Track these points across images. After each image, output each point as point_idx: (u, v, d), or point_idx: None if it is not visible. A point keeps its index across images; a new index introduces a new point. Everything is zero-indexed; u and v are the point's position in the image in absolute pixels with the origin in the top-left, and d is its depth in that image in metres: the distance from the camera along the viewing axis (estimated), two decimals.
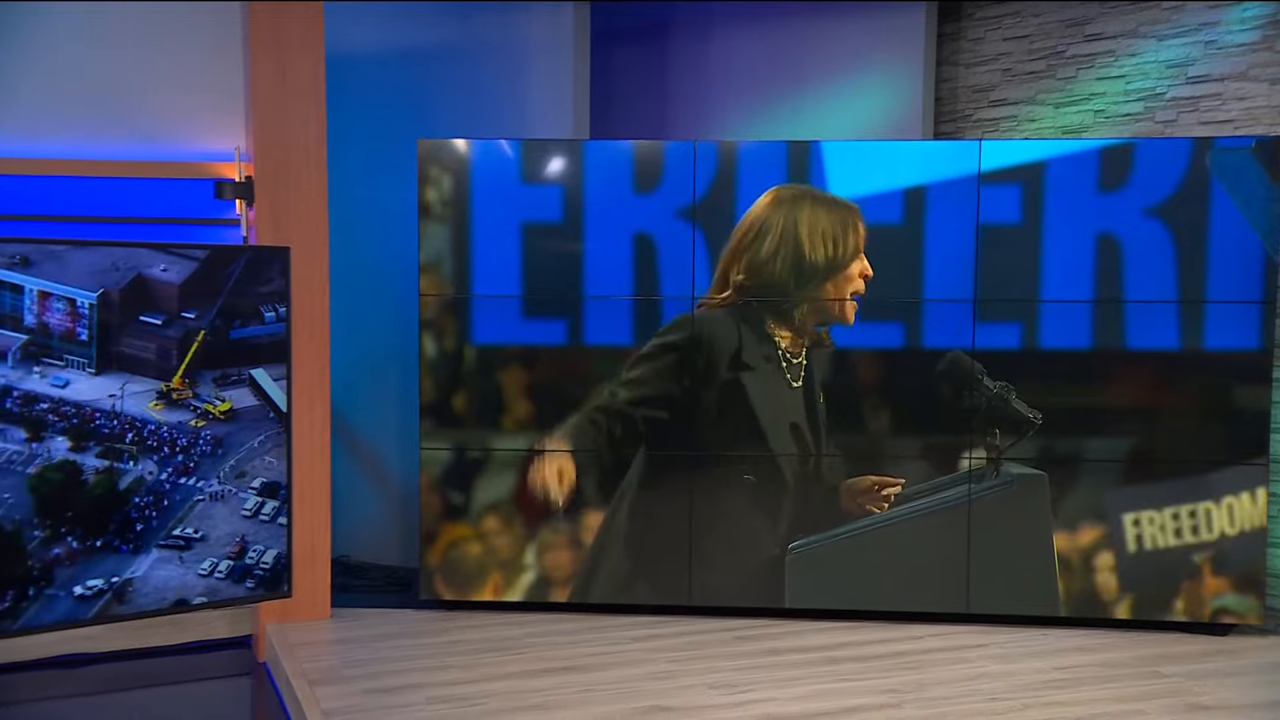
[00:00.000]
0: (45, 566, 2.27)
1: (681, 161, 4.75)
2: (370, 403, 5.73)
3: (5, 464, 2.24)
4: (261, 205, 4.75)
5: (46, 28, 5.31)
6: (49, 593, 2.28)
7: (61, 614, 2.30)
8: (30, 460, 2.27)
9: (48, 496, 2.28)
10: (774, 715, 3.82)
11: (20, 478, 2.25)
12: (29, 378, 2.28)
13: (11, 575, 2.23)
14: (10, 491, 2.24)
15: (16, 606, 2.24)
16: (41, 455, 2.28)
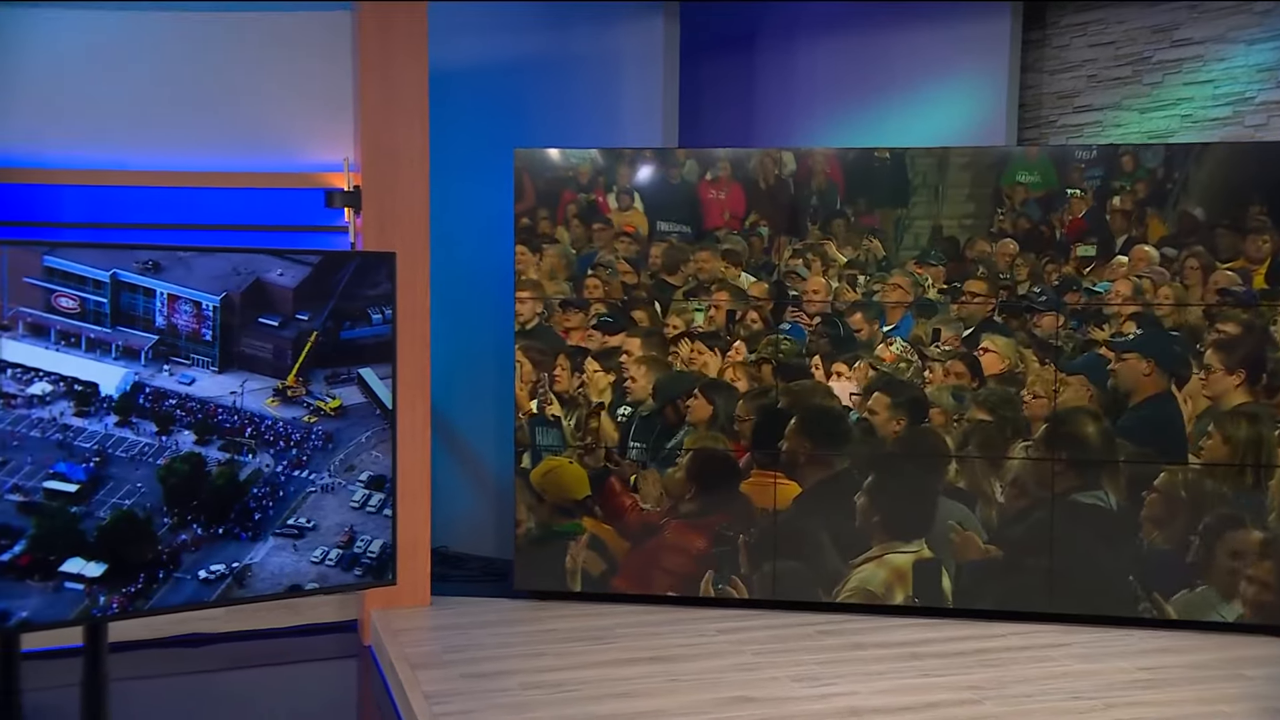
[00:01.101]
0: (173, 551, 2.35)
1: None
2: (467, 400, 5.79)
3: (138, 455, 2.32)
4: (368, 213, 4.84)
5: (173, 51, 5.48)
6: (176, 576, 2.36)
7: (187, 596, 2.38)
8: (160, 452, 2.34)
9: (175, 486, 2.35)
10: (856, 708, 3.77)
11: (151, 469, 2.32)
12: (159, 375, 2.35)
13: (143, 559, 2.31)
14: (142, 481, 2.31)
15: (148, 588, 2.32)
16: (170, 448, 2.35)
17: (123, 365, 2.32)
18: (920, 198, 4.75)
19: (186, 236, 5.36)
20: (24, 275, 2.22)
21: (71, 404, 2.26)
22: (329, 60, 5.44)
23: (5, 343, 2.19)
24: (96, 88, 5.42)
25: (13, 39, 5.38)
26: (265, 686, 4.65)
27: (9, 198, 5.38)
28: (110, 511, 2.28)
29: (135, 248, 2.35)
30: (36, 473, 2.21)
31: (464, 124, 5.56)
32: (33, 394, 2.22)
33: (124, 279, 2.33)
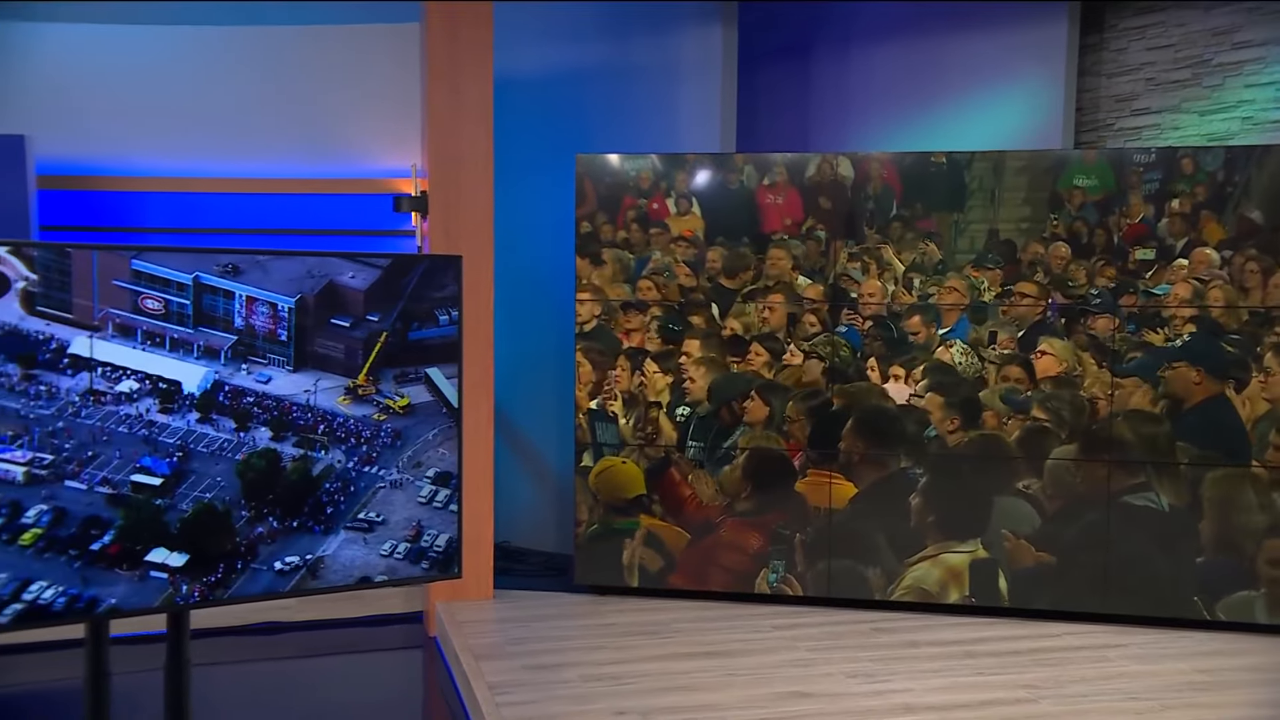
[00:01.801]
0: (251, 543, 2.39)
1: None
2: (529, 400, 5.83)
3: (217, 451, 2.36)
4: (435, 217, 4.89)
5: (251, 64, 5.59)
6: (253, 566, 2.40)
7: (264, 586, 2.42)
8: (238, 448, 2.38)
9: (253, 481, 2.39)
10: (911, 705, 3.73)
11: (230, 463, 2.37)
12: (238, 374, 2.40)
13: (223, 550, 2.35)
14: (222, 476, 2.36)
15: (227, 577, 2.36)
16: (247, 444, 2.39)
17: (204, 364, 2.37)
18: (976, 201, 4.69)
19: (263, 241, 5.47)
20: (113, 278, 2.27)
21: (156, 401, 2.31)
22: (398, 70, 5.51)
23: (96, 342, 2.26)
24: (179, 101, 5.55)
25: (100, 55, 5.52)
26: (336, 674, 4.72)
27: (98, 205, 5.53)
28: (192, 504, 2.33)
29: (216, 251, 2.40)
30: (124, 466, 2.27)
31: (527, 130, 5.59)
32: (121, 391, 2.28)
33: (205, 282, 2.38)
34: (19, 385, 2.17)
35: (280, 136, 5.58)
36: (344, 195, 5.59)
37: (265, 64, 5.58)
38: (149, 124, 5.52)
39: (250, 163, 5.59)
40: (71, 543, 2.21)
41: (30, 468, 2.17)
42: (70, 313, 2.24)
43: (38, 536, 2.17)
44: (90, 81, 5.50)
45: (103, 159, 5.52)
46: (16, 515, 2.16)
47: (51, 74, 5.48)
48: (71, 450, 2.22)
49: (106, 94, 5.50)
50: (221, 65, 5.58)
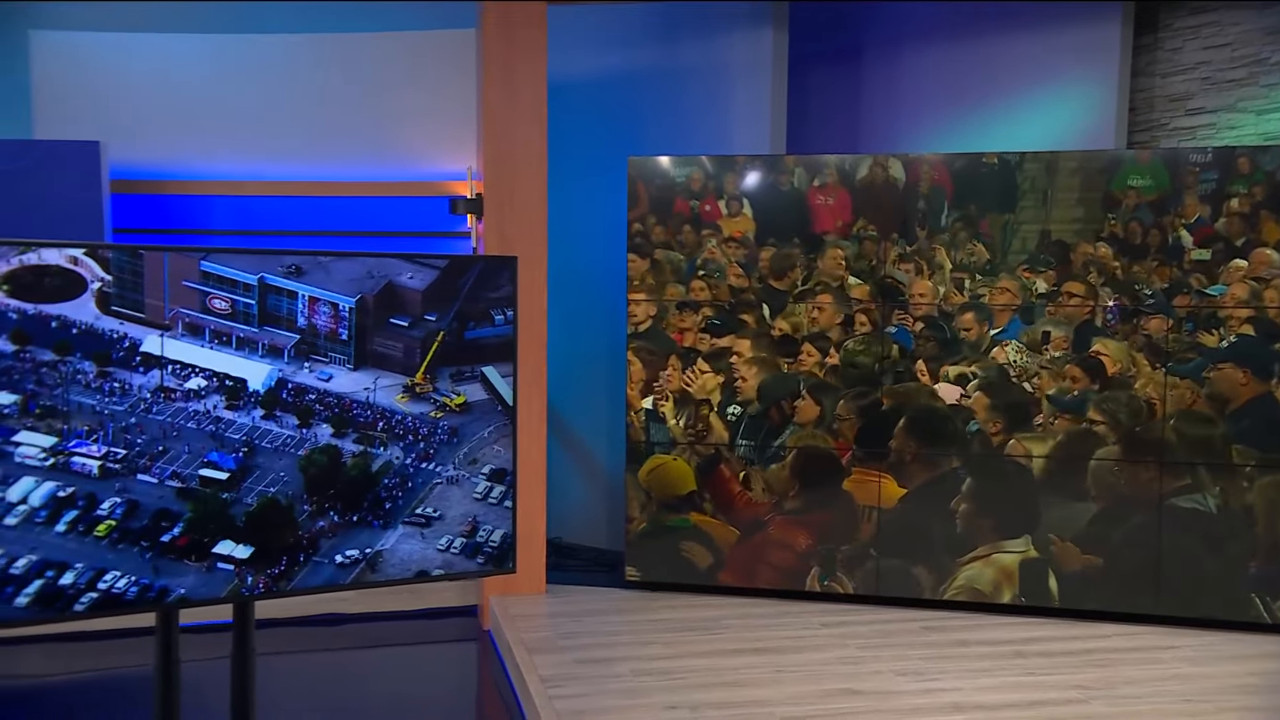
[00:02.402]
0: (312, 537, 2.42)
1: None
2: (581, 398, 5.84)
3: (281, 446, 2.40)
4: (489, 219, 4.92)
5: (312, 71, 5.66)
6: (315, 559, 2.43)
7: (325, 578, 2.45)
8: (300, 444, 2.42)
9: (314, 476, 2.42)
10: (960, 704, 3.69)
11: (293, 459, 2.40)
12: (300, 372, 2.43)
13: (286, 543, 2.39)
14: (285, 471, 2.39)
15: (290, 570, 2.40)
16: (309, 440, 2.43)
17: (268, 362, 2.41)
18: (1028, 202, 4.63)
19: (324, 242, 5.54)
20: (183, 279, 2.32)
21: (223, 398, 2.35)
22: (455, 75, 5.55)
23: (166, 341, 2.30)
24: (244, 107, 5.64)
25: (169, 64, 5.62)
26: (393, 665, 4.76)
27: (167, 208, 5.64)
28: (257, 498, 2.36)
29: (281, 253, 2.43)
30: (193, 461, 2.31)
31: (580, 133, 5.61)
32: (190, 388, 2.32)
33: (270, 282, 2.41)
34: (94, 382, 2.22)
35: (341, 141, 5.65)
36: (402, 198, 5.65)
37: (326, 71, 5.66)
38: (216, 130, 5.62)
39: (312, 166, 5.66)
40: (143, 534, 2.25)
41: (105, 462, 2.22)
42: (142, 312, 2.28)
43: (111, 528, 2.22)
44: (161, 89, 5.61)
45: (172, 164, 5.63)
46: (92, 507, 2.21)
47: (124, 82, 5.59)
48: (143, 445, 2.27)
49: (176, 101, 5.61)
50: (284, 72, 5.66)
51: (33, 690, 4.34)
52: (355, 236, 5.59)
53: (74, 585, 2.19)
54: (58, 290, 2.20)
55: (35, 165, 5.27)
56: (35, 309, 2.17)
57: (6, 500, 2.12)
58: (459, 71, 5.52)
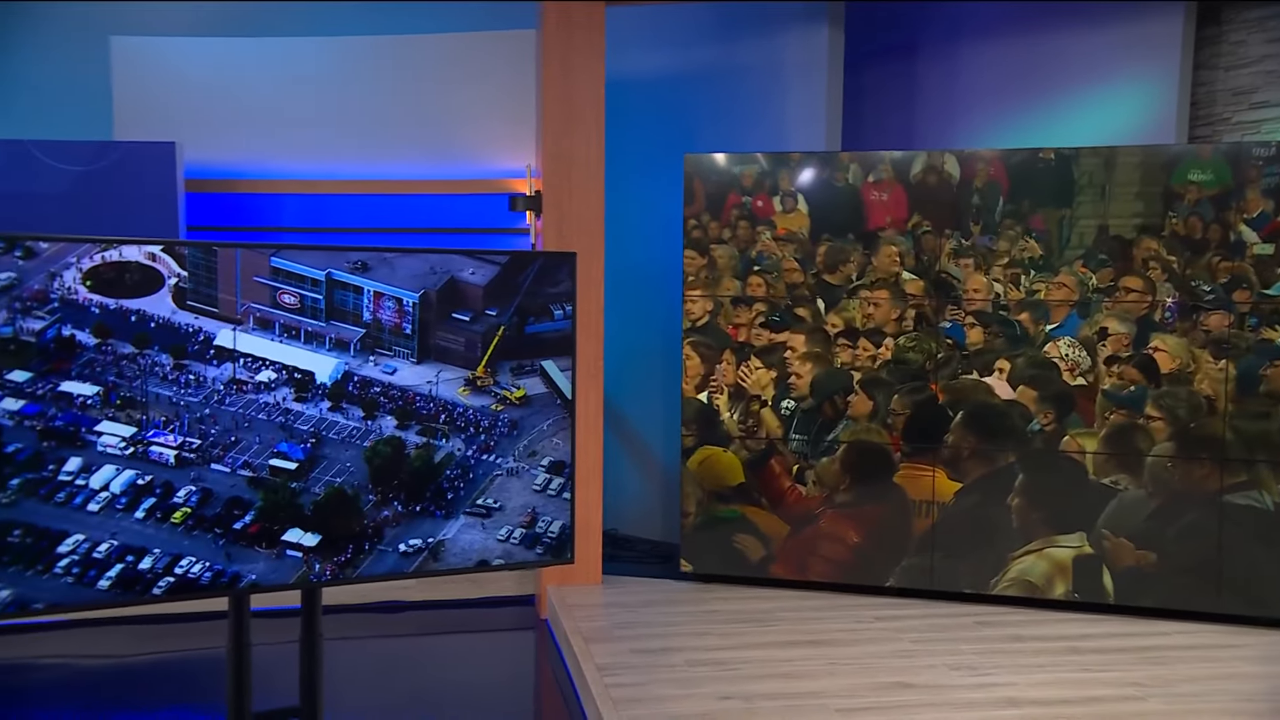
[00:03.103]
0: (377, 526, 2.45)
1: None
2: (637, 392, 5.85)
3: (347, 438, 2.44)
4: (548, 215, 4.94)
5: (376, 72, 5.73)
6: (380, 548, 2.46)
7: (389, 566, 2.48)
8: (365, 435, 2.45)
9: (379, 467, 2.45)
10: (1015, 699, 3.63)
11: (358, 450, 2.44)
12: (365, 365, 2.46)
13: (351, 532, 2.42)
14: (351, 461, 2.43)
15: (356, 558, 2.43)
16: (374, 431, 2.46)
17: (335, 356, 2.44)
18: (1086, 197, 4.54)
19: (388, 239, 5.61)
20: (254, 275, 2.36)
21: (292, 390, 2.39)
22: (514, 75, 5.58)
23: (238, 335, 2.35)
24: (311, 107, 5.72)
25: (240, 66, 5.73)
26: (453, 651, 4.81)
27: (239, 207, 5.75)
28: (324, 488, 2.40)
29: (347, 249, 2.47)
30: (263, 451, 2.35)
31: (637, 131, 5.61)
32: (260, 381, 2.37)
33: (337, 278, 2.45)
34: (171, 374, 2.27)
35: (404, 140, 5.72)
36: (463, 195, 5.70)
37: (391, 72, 5.72)
38: (285, 130, 5.71)
39: (377, 165, 5.73)
40: (216, 521, 2.30)
41: (180, 451, 2.27)
42: (216, 307, 2.33)
43: (187, 515, 2.27)
44: (232, 91, 5.71)
45: (243, 163, 5.74)
46: (169, 495, 2.26)
47: (198, 85, 5.70)
48: (216, 435, 2.31)
49: (246, 102, 5.71)
50: (351, 74, 5.74)
51: (113, 669, 4.45)
52: (418, 233, 5.65)
53: (152, 570, 2.24)
54: (137, 286, 2.25)
55: (115, 165, 5.40)
56: (116, 304, 2.23)
57: (90, 487, 2.18)
58: (518, 71, 5.55)
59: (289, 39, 5.75)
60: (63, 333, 2.16)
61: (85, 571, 2.18)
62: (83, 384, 2.18)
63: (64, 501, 2.16)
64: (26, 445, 2.12)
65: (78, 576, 2.17)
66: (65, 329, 2.17)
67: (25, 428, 2.12)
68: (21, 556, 2.11)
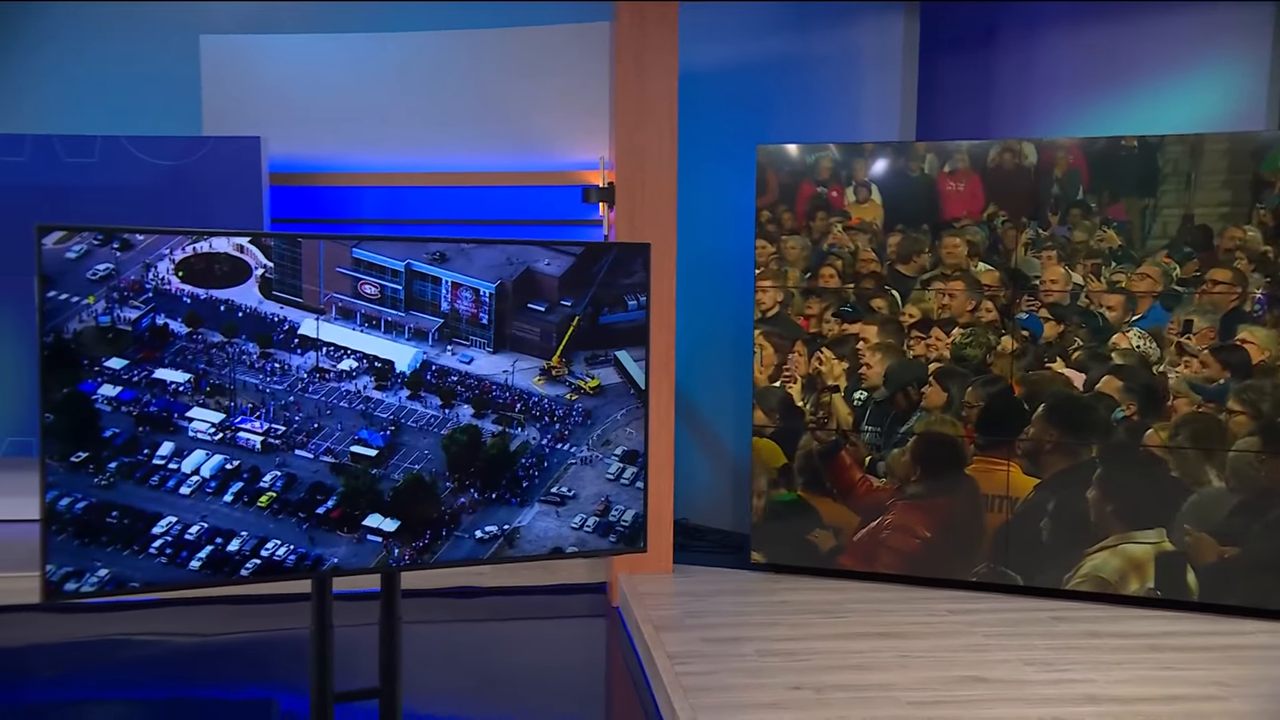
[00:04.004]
0: (454, 513, 2.48)
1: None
2: (707, 382, 5.83)
3: (425, 426, 2.47)
4: (621, 207, 4.95)
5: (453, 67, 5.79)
6: (456, 534, 2.49)
7: (465, 552, 2.51)
8: (443, 424, 2.48)
9: (456, 455, 2.48)
10: (1093, 696, 3.56)
11: (435, 438, 2.47)
12: (443, 355, 2.49)
13: (429, 518, 2.45)
14: (429, 449, 2.46)
15: (433, 543, 2.46)
16: (451, 420, 2.48)
17: (413, 345, 2.47)
18: (1170, 186, 4.40)
19: (465, 230, 5.68)
20: (337, 266, 2.40)
21: (372, 379, 2.43)
22: (588, 68, 5.59)
23: (321, 324, 2.39)
24: (390, 102, 5.81)
25: (322, 62, 5.83)
26: (526, 637, 4.86)
27: (320, 199, 5.86)
28: (403, 474, 2.43)
29: (427, 240, 2.50)
30: (345, 438, 2.39)
31: (710, 122, 5.59)
32: (342, 369, 2.41)
33: (416, 268, 2.47)
34: (257, 362, 2.33)
35: (480, 133, 5.78)
36: (537, 187, 5.74)
37: (467, 66, 5.78)
38: (365, 124, 5.81)
39: (453, 158, 5.80)
40: (300, 506, 2.35)
41: (266, 437, 2.32)
42: (300, 297, 2.37)
43: (272, 499, 2.32)
44: (314, 87, 5.82)
45: (323, 159, 5.84)
46: (255, 480, 2.31)
47: (282, 81, 5.83)
48: (300, 422, 2.36)
49: (328, 97, 5.81)
50: (427, 68, 5.81)
51: (200, 647, 4.58)
52: (494, 225, 5.71)
53: (239, 552, 2.30)
54: (226, 276, 2.30)
55: (203, 160, 5.55)
56: (206, 294, 2.28)
57: (181, 471, 2.24)
58: (593, 64, 5.56)
59: (369, 35, 5.84)
60: (156, 321, 2.22)
61: (178, 552, 2.24)
62: (175, 371, 2.24)
63: (158, 485, 2.22)
64: (123, 430, 2.19)
65: (170, 557, 2.23)
66: (159, 318, 2.23)
67: (122, 413, 2.19)
68: (119, 537, 2.18)
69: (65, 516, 2.12)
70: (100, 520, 2.16)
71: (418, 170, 5.79)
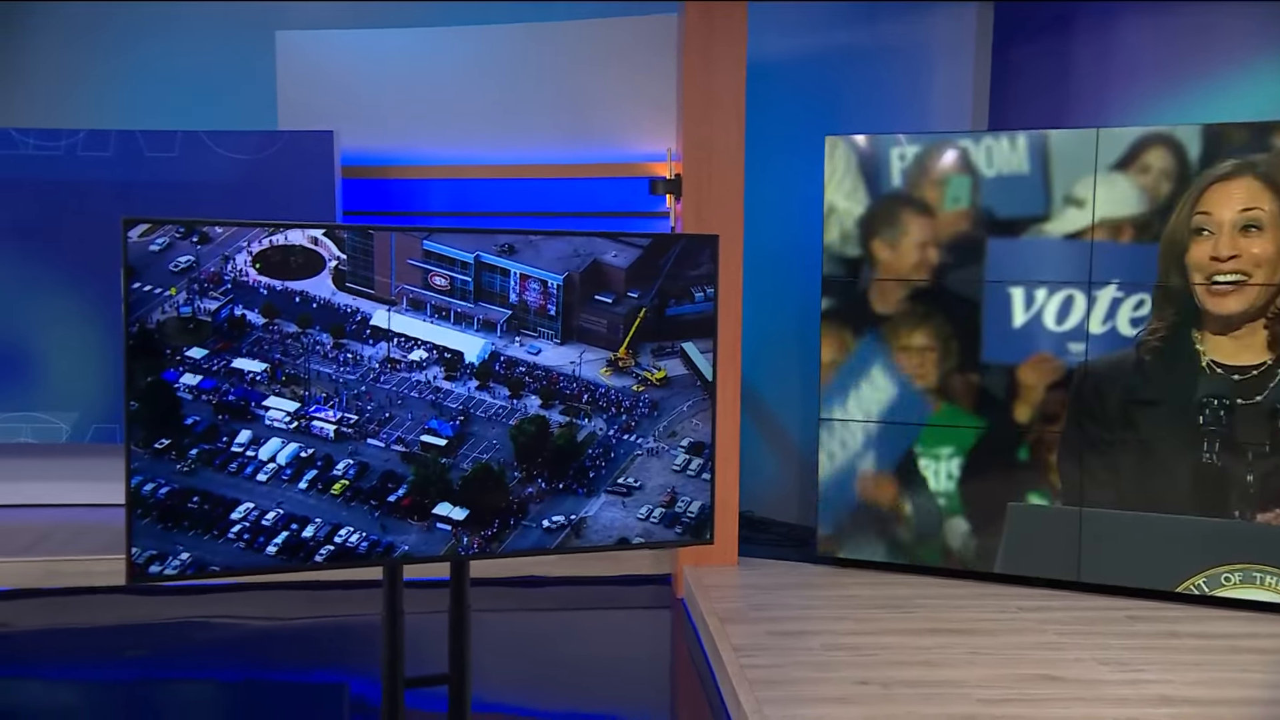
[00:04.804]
0: (522, 502, 2.51)
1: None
2: (774, 374, 5.81)
3: (493, 416, 2.50)
4: (688, 199, 4.94)
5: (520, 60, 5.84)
6: (524, 523, 2.52)
7: (533, 541, 2.53)
8: (511, 414, 2.51)
9: (524, 445, 2.50)
10: (1169, 697, 3.48)
11: (504, 428, 2.50)
12: (511, 345, 2.52)
13: (498, 507, 2.48)
14: (497, 439, 2.49)
15: (502, 532, 2.50)
16: (520, 410, 2.51)
17: (482, 336, 2.50)
18: None
19: (533, 222, 5.74)
20: (408, 258, 2.44)
21: (442, 370, 2.47)
22: (655, 59, 5.60)
23: (393, 315, 2.43)
24: (459, 96, 5.88)
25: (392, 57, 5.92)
26: (592, 627, 4.89)
27: (391, 192, 5.96)
28: (472, 464, 2.47)
29: (495, 232, 2.52)
30: (415, 428, 2.44)
31: (777, 113, 5.56)
32: (412, 360, 2.45)
33: (485, 260, 2.50)
34: (331, 353, 2.38)
35: (548, 126, 5.82)
36: (604, 179, 5.76)
37: (535, 59, 5.82)
38: (434, 117, 5.89)
39: (522, 150, 5.85)
40: (372, 494, 2.39)
41: (339, 426, 2.37)
42: (372, 289, 2.42)
43: (345, 487, 2.37)
44: (384, 81, 5.91)
45: (393, 152, 5.94)
46: (329, 468, 2.37)
47: (353, 75, 5.93)
48: (372, 412, 2.40)
49: (398, 92, 5.90)
50: (496, 61, 5.86)
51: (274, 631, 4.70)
52: (561, 217, 5.75)
53: (314, 538, 2.35)
54: (301, 268, 2.36)
55: (278, 154, 5.67)
56: (282, 285, 2.34)
57: (258, 458, 2.31)
58: (660, 56, 5.56)
59: (439, 29, 5.92)
60: (235, 312, 2.28)
61: (255, 538, 2.30)
62: (252, 361, 2.30)
63: (236, 471, 2.28)
64: (203, 418, 2.25)
65: (248, 542, 2.29)
66: (237, 309, 2.29)
67: (203, 401, 2.25)
68: (200, 522, 2.25)
69: (149, 501, 2.20)
70: (182, 505, 2.23)
71: (486, 163, 5.86)
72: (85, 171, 5.69)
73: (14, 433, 5.80)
